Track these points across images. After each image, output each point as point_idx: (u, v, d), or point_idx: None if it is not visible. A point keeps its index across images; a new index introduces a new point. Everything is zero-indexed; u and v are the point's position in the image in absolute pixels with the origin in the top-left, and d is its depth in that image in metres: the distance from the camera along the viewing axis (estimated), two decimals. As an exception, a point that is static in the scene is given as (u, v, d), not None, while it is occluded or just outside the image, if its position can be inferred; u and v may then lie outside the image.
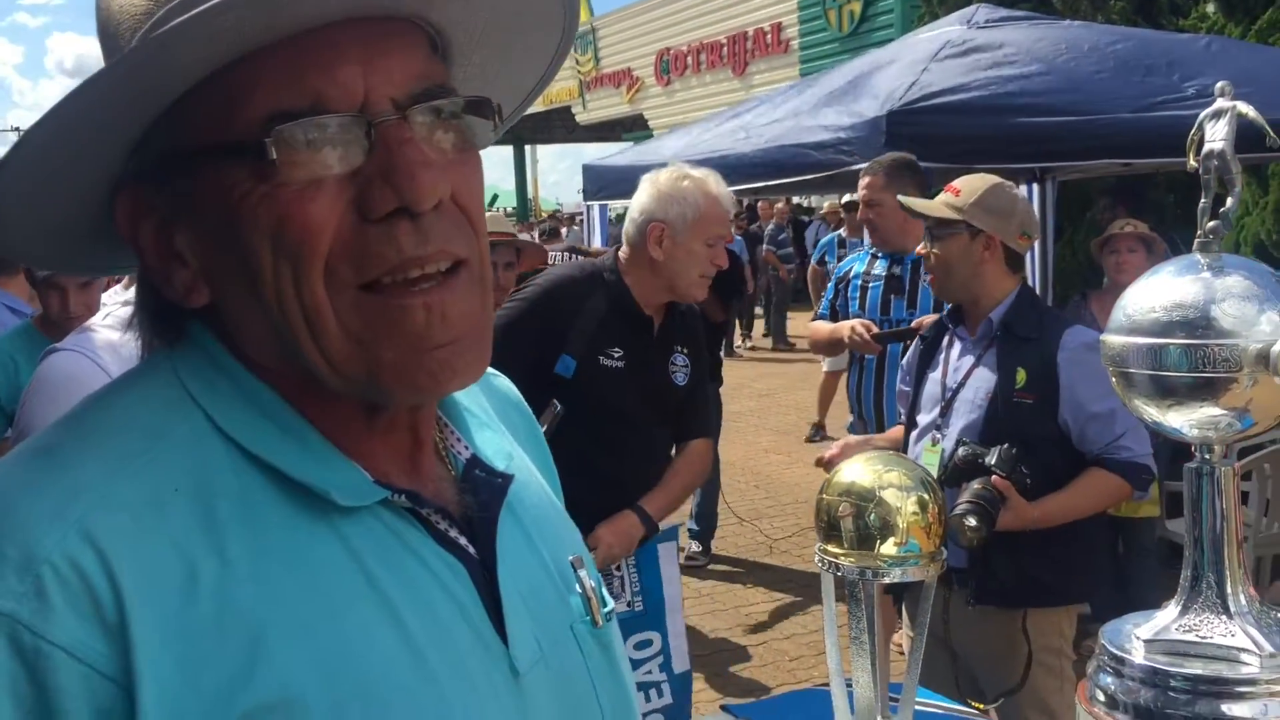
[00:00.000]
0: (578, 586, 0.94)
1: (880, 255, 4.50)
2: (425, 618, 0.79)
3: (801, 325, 16.28)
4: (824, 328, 4.53)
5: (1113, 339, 1.45)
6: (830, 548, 2.16)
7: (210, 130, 0.75)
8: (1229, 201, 1.42)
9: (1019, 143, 4.98)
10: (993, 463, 2.86)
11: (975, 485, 2.85)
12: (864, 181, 4.33)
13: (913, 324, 4.20)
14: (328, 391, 0.80)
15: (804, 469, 7.43)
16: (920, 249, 3.26)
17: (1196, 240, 1.44)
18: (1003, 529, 2.86)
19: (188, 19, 0.67)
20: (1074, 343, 2.93)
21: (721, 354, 7.46)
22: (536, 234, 15.94)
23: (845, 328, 4.33)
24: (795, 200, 21.62)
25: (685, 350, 3.15)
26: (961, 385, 3.09)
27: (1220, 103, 1.46)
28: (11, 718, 0.65)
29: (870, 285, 4.47)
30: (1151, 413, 1.46)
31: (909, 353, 3.46)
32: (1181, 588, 1.47)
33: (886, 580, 2.11)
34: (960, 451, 2.96)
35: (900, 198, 3.38)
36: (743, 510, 7.58)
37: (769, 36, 19.88)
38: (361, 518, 0.79)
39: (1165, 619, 1.46)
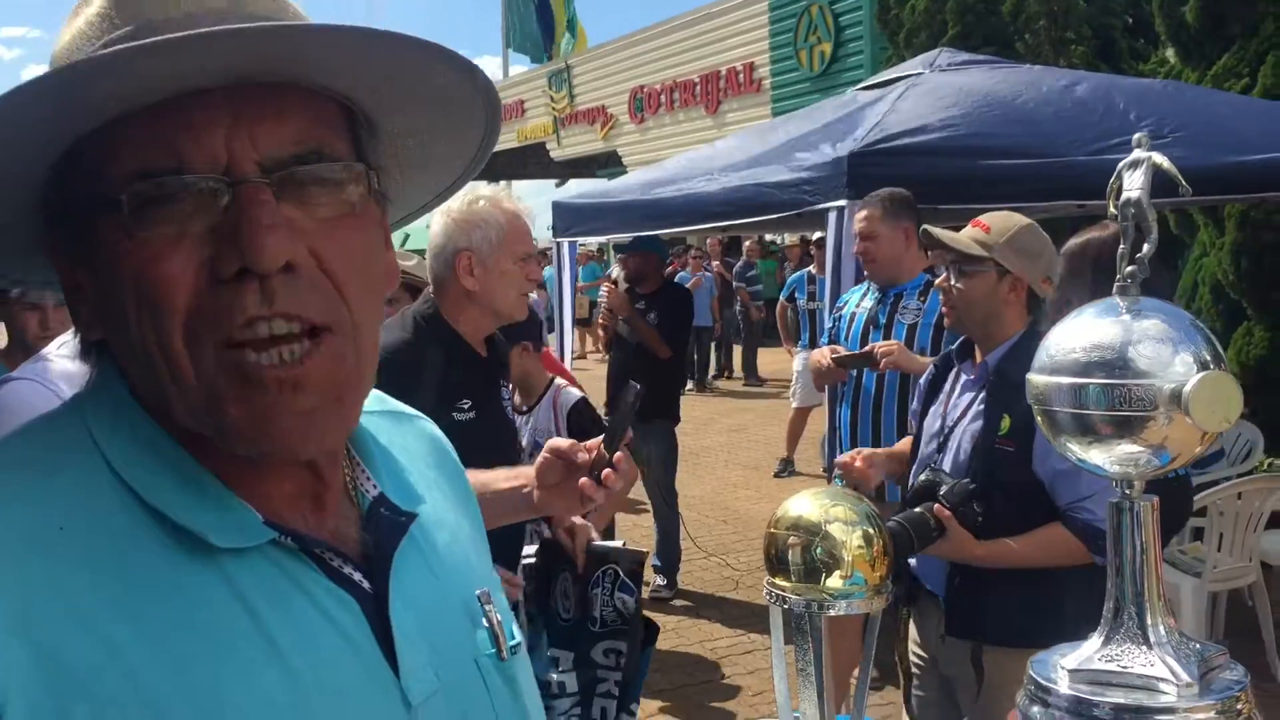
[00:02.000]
0: (484, 620, 0.97)
1: (870, 290, 4.63)
2: (310, 653, 0.81)
3: (772, 361, 16.39)
4: (814, 356, 4.73)
5: (1036, 378, 1.51)
6: (778, 581, 2.20)
7: (90, 180, 0.80)
8: (1145, 246, 1.48)
9: (978, 183, 5.07)
10: (942, 493, 2.89)
11: (916, 509, 2.89)
12: (862, 214, 4.45)
13: (867, 349, 4.32)
14: (206, 442, 0.84)
15: (772, 504, 7.45)
16: (939, 281, 3.24)
17: (1115, 284, 1.50)
18: (939, 556, 2.93)
19: (56, 77, 0.73)
20: None
21: (683, 389, 7.50)
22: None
23: (815, 356, 4.51)
24: (769, 237, 21.79)
25: (503, 379, 3.12)
26: (956, 423, 3.08)
27: (1137, 153, 1.52)
28: None
29: (858, 317, 4.64)
30: (1075, 450, 1.51)
31: (923, 376, 3.46)
32: (1104, 619, 1.51)
33: (832, 613, 2.15)
34: (922, 477, 2.99)
35: (928, 227, 3.30)
36: (709, 544, 7.61)
37: (741, 76, 20.08)
38: (250, 557, 0.81)
39: (1089, 649, 1.51)
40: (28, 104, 0.73)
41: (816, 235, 9.66)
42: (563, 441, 1.91)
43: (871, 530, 2.16)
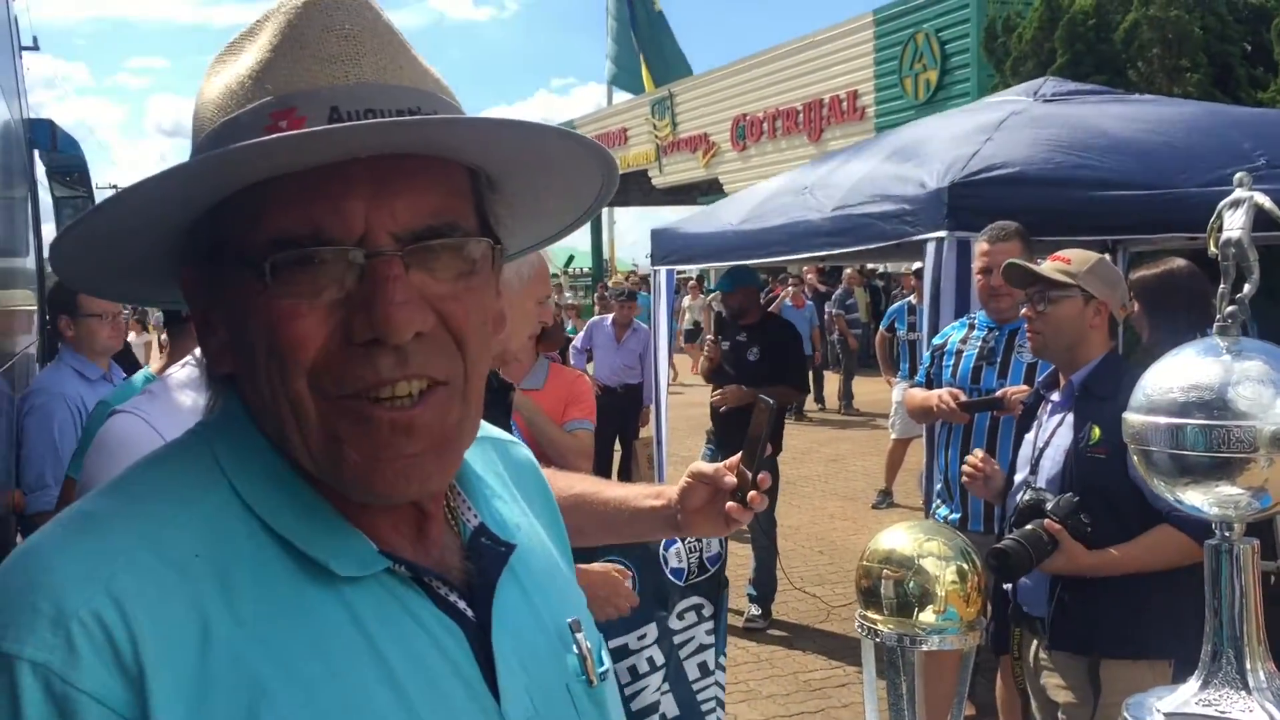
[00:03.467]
0: (574, 647, 1.01)
1: (978, 325, 4.52)
2: (420, 677, 0.86)
3: (870, 390, 16.22)
4: (917, 395, 4.57)
5: (1132, 418, 1.50)
6: (870, 614, 2.20)
7: (235, 236, 0.86)
8: (1246, 287, 1.47)
9: (1082, 216, 4.98)
10: (1050, 508, 3.03)
11: (1028, 526, 3.04)
12: (999, 248, 4.27)
13: (998, 393, 4.21)
14: None
15: (869, 536, 7.39)
16: (1025, 311, 3.39)
17: (1216, 324, 1.49)
18: (1054, 572, 3.06)
19: (220, 153, 0.79)
20: None
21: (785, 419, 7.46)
22: (602, 297, 16.09)
23: (934, 396, 4.36)
24: (870, 266, 21.61)
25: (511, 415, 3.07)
26: (1047, 444, 3.25)
27: (1238, 192, 1.51)
28: None
29: (964, 354, 4.49)
30: (1172, 490, 1.50)
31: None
32: (1202, 663, 1.49)
33: (924, 648, 2.14)
34: (1026, 495, 3.15)
35: (1015, 260, 3.46)
36: (805, 575, 7.56)
37: (844, 104, 20.01)
38: (366, 584, 0.87)
39: (1186, 693, 1.49)
40: (189, 179, 0.81)
41: (915, 265, 9.57)
42: (706, 466, 1.92)
43: (966, 565, 2.15)
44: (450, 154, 0.87)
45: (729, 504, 1.83)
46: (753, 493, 1.82)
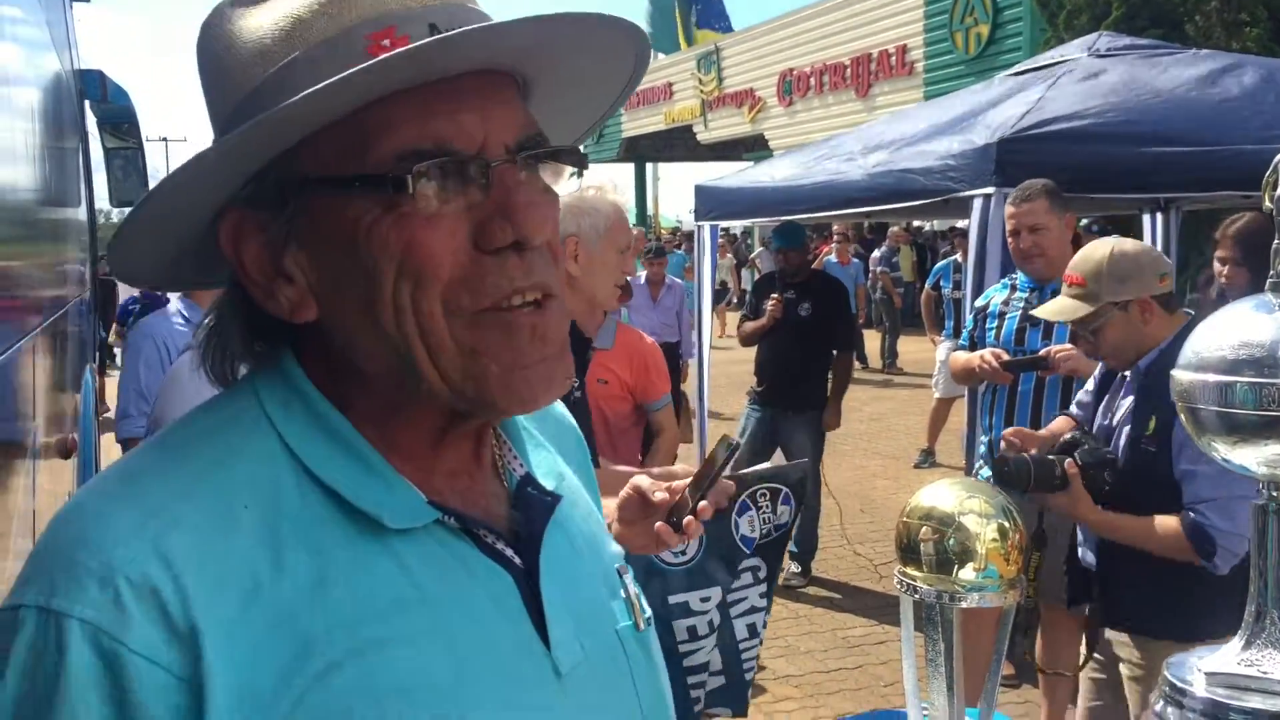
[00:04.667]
0: (622, 592, 1.03)
1: (1019, 286, 4.45)
2: (471, 623, 0.87)
3: (914, 349, 16.12)
4: (960, 358, 4.51)
5: (1181, 375, 1.48)
6: (909, 570, 2.20)
7: (339, 163, 0.84)
8: (1302, 243, 1.43)
9: (1134, 173, 4.90)
10: (1078, 451, 3.00)
11: (1050, 457, 3.03)
12: (1025, 208, 4.21)
13: (1041, 353, 4.17)
14: (399, 415, 0.89)
15: (910, 495, 7.37)
16: (1084, 348, 3.35)
17: (1269, 280, 1.46)
18: (1054, 509, 3.08)
19: (345, 78, 0.78)
20: None
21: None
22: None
23: (976, 358, 4.32)
24: (916, 223, 21.41)
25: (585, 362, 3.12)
26: (1117, 426, 3.14)
27: (1295, 146, 1.47)
28: (96, 714, 0.74)
29: (1007, 316, 4.43)
30: (1220, 450, 1.48)
31: (1095, 370, 3.53)
32: (1245, 623, 1.48)
33: (963, 605, 2.14)
34: (1069, 435, 3.14)
35: (1043, 310, 3.41)
36: (847, 533, 7.57)
37: (893, 59, 19.74)
38: (415, 534, 0.87)
39: (1228, 653, 1.48)
40: (295, 116, 0.80)
41: (962, 223, 9.46)
42: (645, 480, 1.91)
43: (1007, 524, 2.14)
44: (516, 66, 0.89)
45: (659, 525, 1.83)
46: (689, 519, 1.81)
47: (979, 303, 4.63)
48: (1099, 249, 3.15)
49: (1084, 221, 6.66)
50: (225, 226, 0.88)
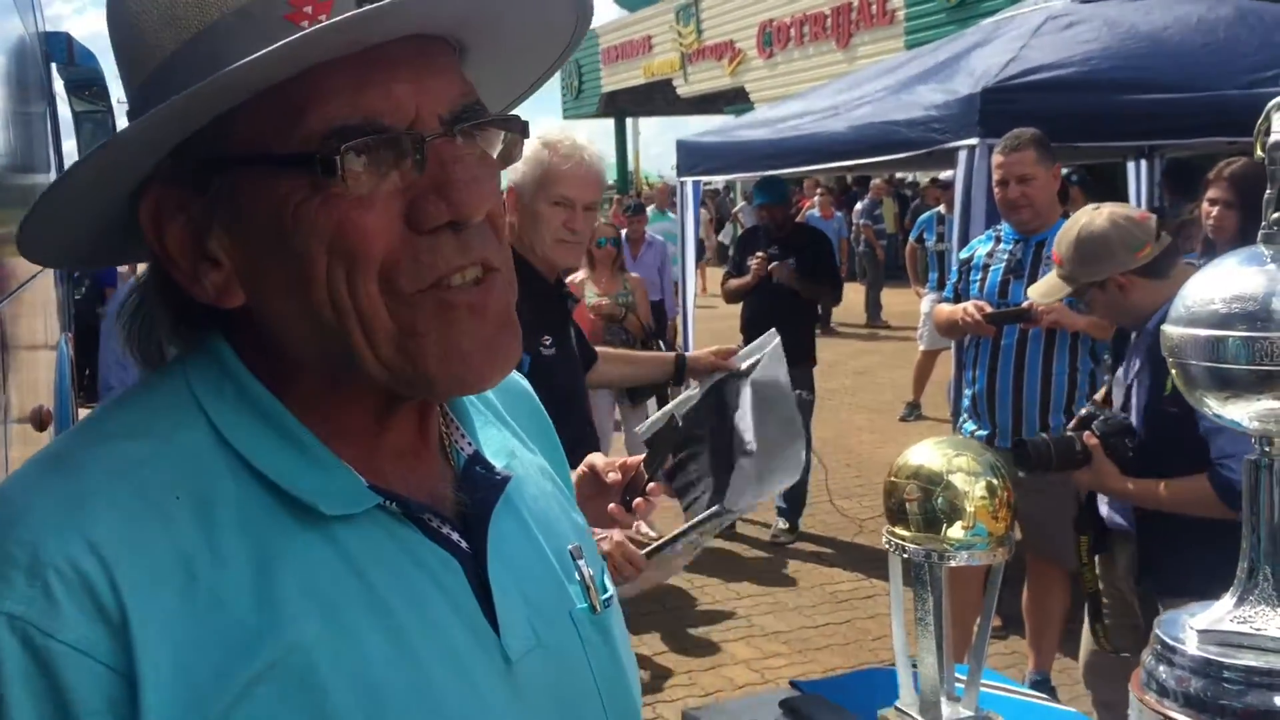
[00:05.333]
0: (576, 574, 0.98)
1: (1004, 238, 4.43)
2: (416, 612, 0.82)
3: (898, 302, 16.12)
4: (944, 310, 4.50)
5: (1171, 330, 1.45)
6: (898, 529, 2.18)
7: (263, 141, 0.78)
8: (1295, 193, 1.40)
9: (1118, 120, 4.88)
10: (1095, 424, 3.00)
11: (1068, 434, 3.04)
12: (1013, 158, 4.18)
13: (1025, 305, 4.15)
14: (338, 398, 0.85)
15: (897, 448, 7.37)
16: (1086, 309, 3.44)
17: (1261, 231, 1.43)
18: (1081, 486, 3.10)
19: (261, 58, 0.72)
20: None
21: (815, 333, 7.37)
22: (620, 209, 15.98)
23: (959, 310, 4.30)
24: (899, 175, 21.34)
25: (573, 323, 3.06)
26: (1133, 383, 3.12)
27: (1289, 92, 1.43)
28: (30, 711, 0.71)
29: (991, 268, 4.41)
30: (1212, 405, 1.45)
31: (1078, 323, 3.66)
32: (1238, 579, 1.46)
33: (952, 564, 2.13)
34: (1085, 410, 3.16)
35: (1033, 289, 3.45)
36: (833, 488, 7.57)
37: (874, 8, 19.56)
38: (356, 520, 0.83)
39: (1220, 610, 1.46)
40: (212, 93, 0.74)
41: (944, 174, 9.41)
42: (599, 458, 1.89)
43: (995, 481, 2.12)
44: (451, 29, 0.84)
45: (611, 505, 1.82)
46: (639, 500, 1.81)
47: (963, 255, 4.61)
48: (1072, 228, 3.15)
49: (1065, 171, 6.63)
50: (144, 206, 0.83)
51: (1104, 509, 3.25)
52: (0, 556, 0.73)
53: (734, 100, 24.20)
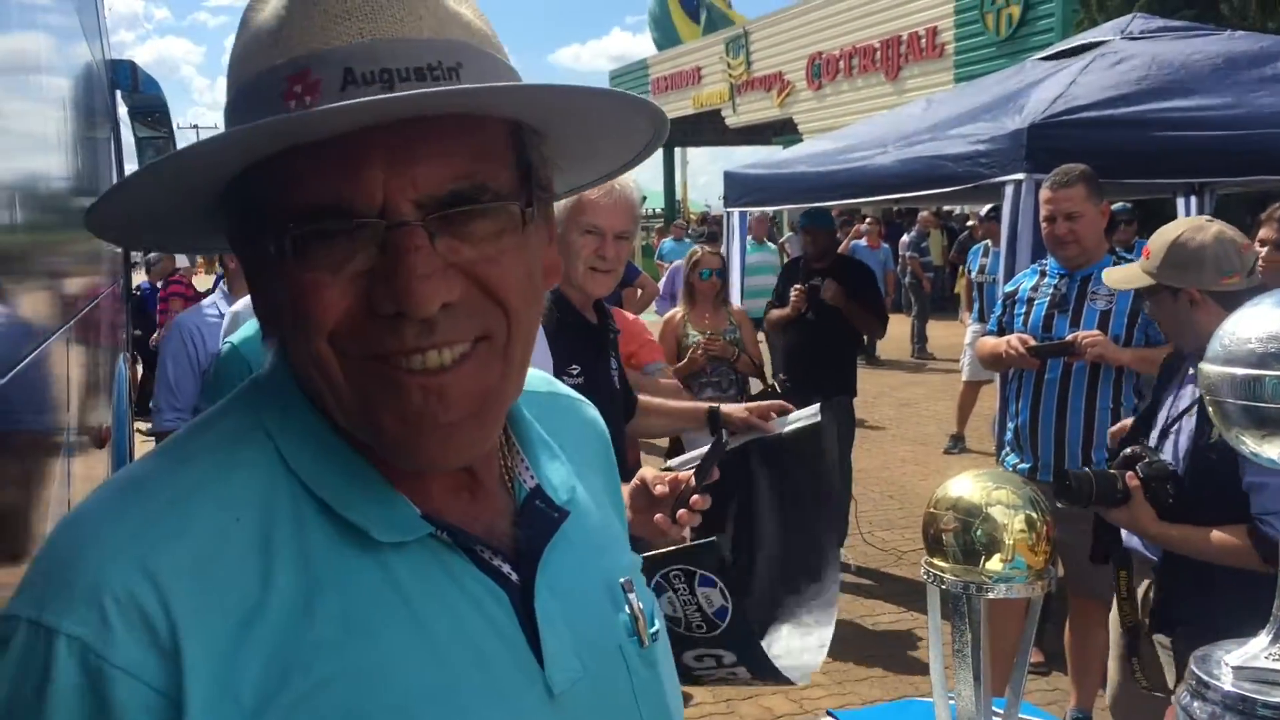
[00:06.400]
0: (626, 607, 1.00)
1: (1049, 272, 4.42)
2: (461, 642, 0.85)
3: (944, 334, 16.02)
4: (988, 343, 4.49)
5: (1208, 368, 1.47)
6: (936, 561, 2.19)
7: (265, 201, 0.83)
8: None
9: (1167, 157, 4.85)
10: (1139, 465, 2.97)
11: (1111, 470, 3.00)
12: (1061, 194, 4.18)
13: (1068, 338, 4.14)
14: None
15: (939, 480, 7.32)
16: (1148, 312, 3.39)
17: (1300, 272, 1.45)
18: (1116, 523, 3.04)
19: (226, 135, 0.77)
20: None
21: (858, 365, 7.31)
22: (682, 238, 16.02)
23: (1003, 343, 4.30)
24: (946, 208, 21.25)
25: (614, 353, 3.05)
26: (1180, 416, 3.09)
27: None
28: None
29: (1036, 302, 4.40)
30: (1248, 444, 1.47)
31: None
32: (1274, 617, 1.48)
33: (990, 596, 2.14)
34: (1131, 449, 3.09)
35: (1108, 273, 3.41)
36: (875, 520, 7.55)
37: (924, 40, 19.59)
38: (409, 549, 0.86)
39: (1255, 647, 1.48)
40: (211, 151, 0.79)
41: (985, 208, 9.39)
42: (649, 472, 1.94)
43: (1035, 515, 2.13)
44: (476, 111, 0.82)
45: (657, 515, 1.85)
46: (682, 511, 1.84)
47: (1008, 288, 4.61)
48: (1175, 230, 3.11)
49: (1114, 207, 6.60)
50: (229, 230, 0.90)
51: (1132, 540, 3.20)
52: (65, 581, 0.78)
53: (782, 131, 24.26)
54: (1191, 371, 3.04)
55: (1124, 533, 3.19)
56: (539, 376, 1.12)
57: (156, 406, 4.43)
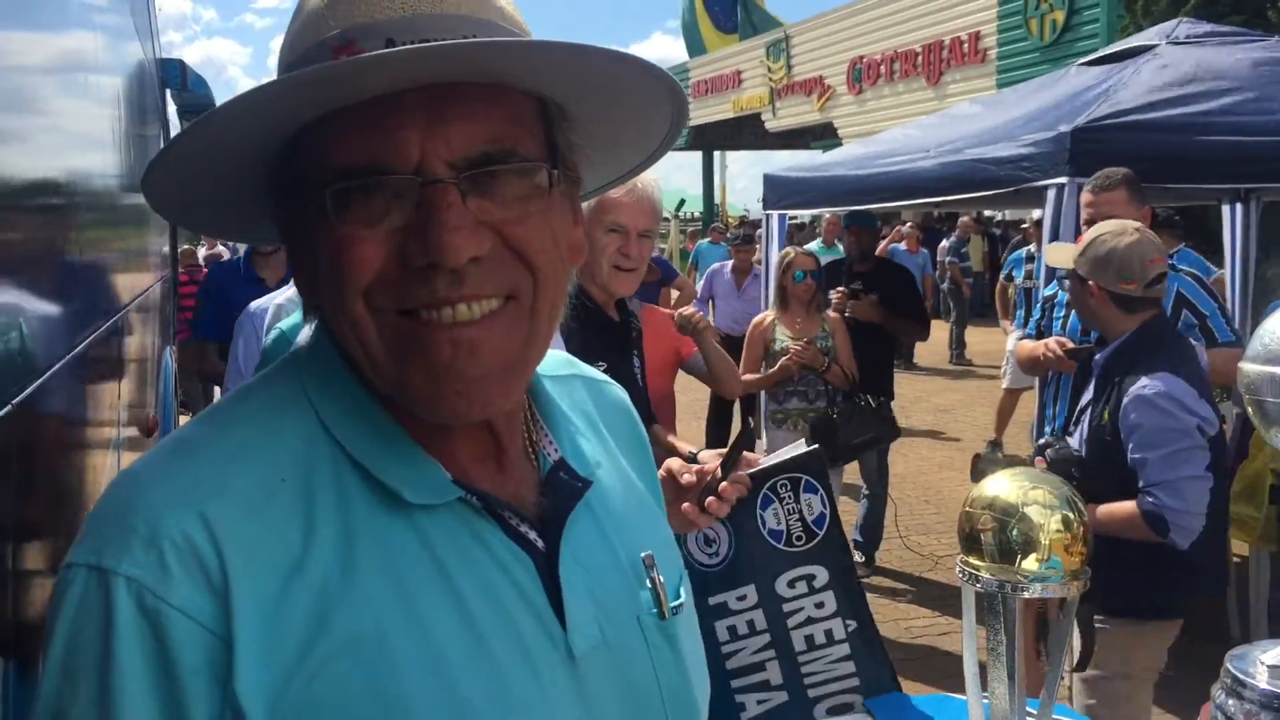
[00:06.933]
0: (647, 581, 1.03)
1: None
2: (489, 602, 0.90)
3: (982, 340, 15.91)
4: (1026, 346, 4.50)
5: (1247, 367, 1.48)
6: (971, 560, 2.20)
7: (307, 168, 0.89)
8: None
9: (1210, 163, 4.81)
10: (1048, 452, 3.30)
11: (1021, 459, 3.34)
12: (1103, 197, 4.18)
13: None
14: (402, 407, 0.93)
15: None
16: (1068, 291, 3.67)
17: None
18: None
19: (253, 92, 0.81)
20: (1135, 392, 3.17)
21: (894, 368, 7.29)
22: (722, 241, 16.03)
23: (1041, 345, 4.29)
24: (987, 213, 21.11)
25: (637, 351, 3.07)
26: (1084, 409, 3.42)
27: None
28: (139, 663, 0.80)
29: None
30: (1286, 441, 1.48)
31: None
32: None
33: (1026, 595, 2.14)
34: (1043, 440, 3.50)
35: (1049, 248, 3.70)
36: (911, 525, 7.53)
37: (966, 46, 19.46)
38: (438, 512, 0.90)
39: (1292, 647, 1.48)
40: (259, 105, 0.83)
41: (1037, 214, 9.32)
42: (676, 463, 1.95)
43: (1071, 515, 2.13)
44: (505, 80, 0.88)
45: (685, 505, 1.87)
46: (710, 499, 1.86)
47: (1046, 292, 4.59)
48: (1106, 226, 3.43)
49: (1160, 213, 6.53)
50: (275, 206, 0.95)
51: None
52: (124, 527, 0.82)
53: (822, 135, 24.18)
54: (1098, 357, 3.42)
55: None
56: (561, 358, 1.16)
57: (226, 389, 4.52)
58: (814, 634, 2.60)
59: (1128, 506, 3.14)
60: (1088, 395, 3.41)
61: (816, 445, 2.62)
